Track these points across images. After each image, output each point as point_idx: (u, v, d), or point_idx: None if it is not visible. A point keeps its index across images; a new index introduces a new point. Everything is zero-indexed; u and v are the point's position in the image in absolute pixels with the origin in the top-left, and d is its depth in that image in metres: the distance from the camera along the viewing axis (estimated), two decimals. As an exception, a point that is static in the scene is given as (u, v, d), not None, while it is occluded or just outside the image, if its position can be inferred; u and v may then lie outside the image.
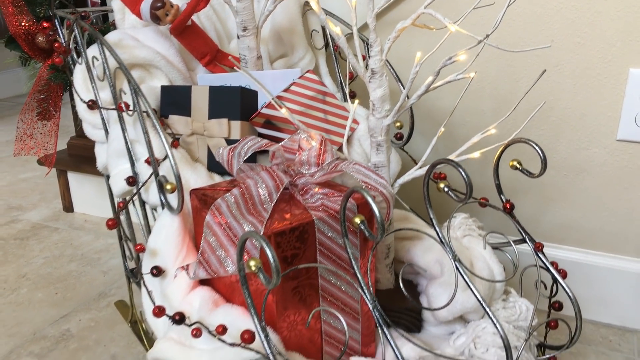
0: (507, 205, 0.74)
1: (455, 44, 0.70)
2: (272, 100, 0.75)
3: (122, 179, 0.75)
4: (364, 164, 0.65)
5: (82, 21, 0.81)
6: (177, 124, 0.79)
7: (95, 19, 1.21)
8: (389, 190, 0.63)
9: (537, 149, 0.67)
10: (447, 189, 0.62)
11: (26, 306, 1.14)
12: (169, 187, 0.65)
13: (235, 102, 0.76)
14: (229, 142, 0.76)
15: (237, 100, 0.76)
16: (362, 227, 0.57)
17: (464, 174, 0.56)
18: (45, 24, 1.02)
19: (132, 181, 0.74)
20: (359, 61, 0.67)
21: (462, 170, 0.56)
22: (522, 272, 0.72)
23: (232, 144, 0.73)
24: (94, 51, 0.80)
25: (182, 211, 0.68)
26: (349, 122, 0.82)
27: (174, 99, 0.79)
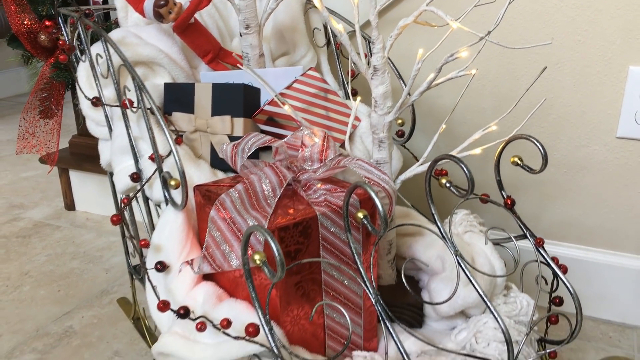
0: (508, 201, 0.74)
1: (456, 41, 0.71)
2: (275, 97, 0.75)
3: (126, 176, 0.76)
4: (366, 160, 0.66)
5: (85, 19, 0.82)
6: (180, 121, 0.80)
7: (96, 17, 1.21)
8: (391, 185, 0.64)
9: (537, 144, 0.68)
10: (448, 185, 0.63)
11: (29, 303, 1.14)
12: (173, 183, 0.65)
13: (238, 100, 0.77)
14: (232, 139, 0.77)
15: (239, 97, 0.77)
16: (365, 222, 0.58)
17: (465, 169, 0.56)
18: (47, 23, 1.03)
19: (136, 177, 0.75)
20: (361, 58, 0.67)
21: (463, 165, 0.57)
22: (523, 268, 0.73)
23: (234, 141, 0.73)
24: (97, 49, 0.81)
25: (186, 207, 0.69)
26: (351, 119, 0.82)
27: (177, 96, 0.79)
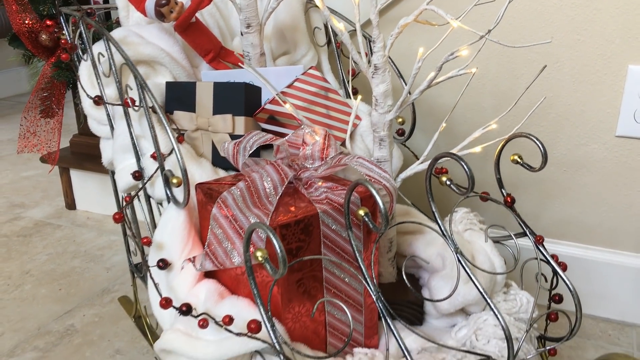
0: (508, 199, 0.75)
1: (456, 40, 0.71)
2: (276, 95, 0.76)
3: (128, 174, 0.76)
4: (367, 158, 0.66)
5: (87, 18, 0.82)
6: (182, 119, 0.80)
7: (97, 16, 1.21)
8: (392, 183, 0.64)
9: (537, 142, 0.68)
10: (449, 182, 0.63)
11: (30, 302, 1.14)
12: (175, 181, 0.66)
13: (239, 98, 0.77)
14: (233, 137, 0.77)
15: (241, 96, 0.77)
16: (366, 219, 0.58)
17: (465, 166, 0.57)
18: (48, 22, 1.03)
19: (138, 176, 0.75)
20: (362, 57, 0.68)
21: (464, 163, 0.57)
22: (523, 265, 0.73)
23: (236, 139, 0.74)
24: (99, 47, 0.81)
25: (188, 205, 0.69)
26: (352, 117, 0.83)
27: (179, 95, 0.80)
